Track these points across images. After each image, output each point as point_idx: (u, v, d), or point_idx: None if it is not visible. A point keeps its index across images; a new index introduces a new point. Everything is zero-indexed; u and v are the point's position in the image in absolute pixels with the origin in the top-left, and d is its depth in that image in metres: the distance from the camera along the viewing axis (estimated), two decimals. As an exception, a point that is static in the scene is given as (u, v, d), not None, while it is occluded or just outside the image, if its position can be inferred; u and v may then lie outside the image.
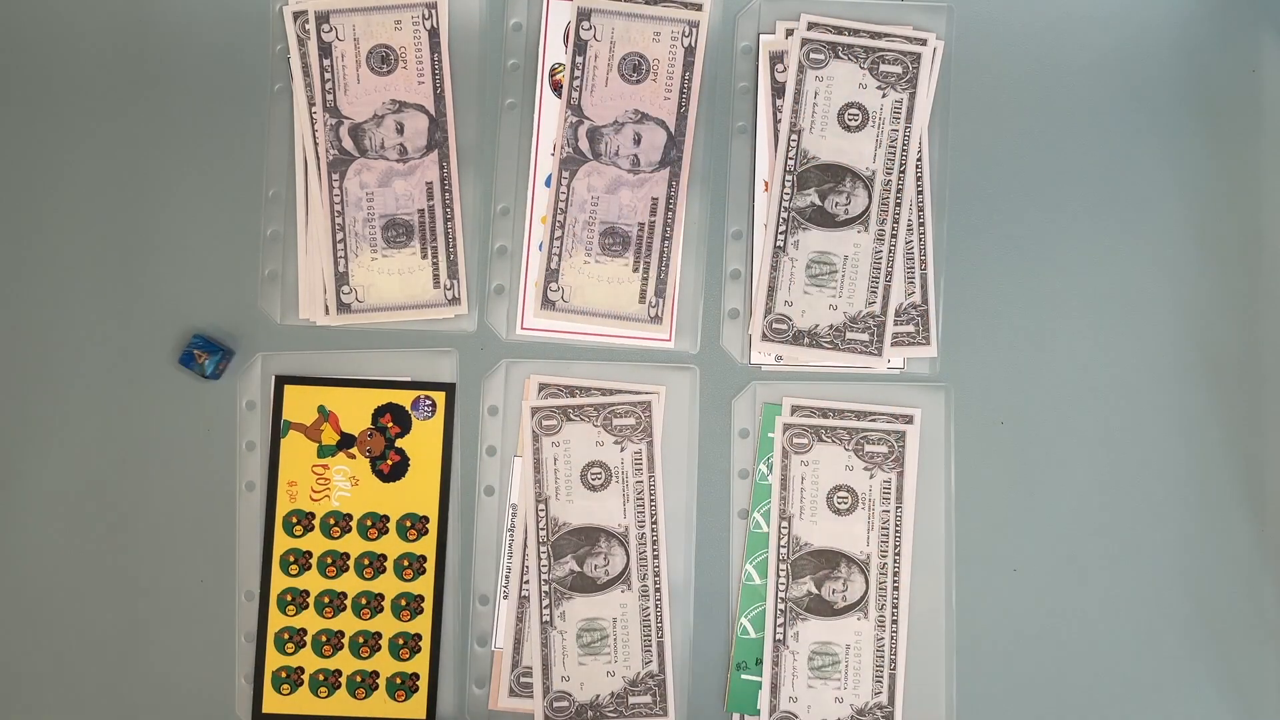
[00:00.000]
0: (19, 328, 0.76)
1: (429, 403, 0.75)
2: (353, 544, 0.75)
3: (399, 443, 0.75)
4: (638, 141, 0.76)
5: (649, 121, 0.76)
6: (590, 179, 0.76)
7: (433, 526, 0.75)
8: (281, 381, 0.75)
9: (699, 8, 0.76)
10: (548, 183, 0.76)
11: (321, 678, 0.75)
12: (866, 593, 0.75)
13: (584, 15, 0.76)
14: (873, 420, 0.75)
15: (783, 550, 0.75)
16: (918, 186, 0.76)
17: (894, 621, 0.75)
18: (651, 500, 0.75)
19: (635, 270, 0.76)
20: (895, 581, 0.75)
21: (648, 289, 0.76)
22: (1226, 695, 0.75)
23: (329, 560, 0.75)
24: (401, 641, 0.75)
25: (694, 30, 0.76)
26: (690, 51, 0.76)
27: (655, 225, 0.76)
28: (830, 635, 0.75)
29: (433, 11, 0.76)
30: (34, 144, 0.77)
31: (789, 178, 0.76)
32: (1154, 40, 0.77)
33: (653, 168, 0.76)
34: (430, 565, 0.75)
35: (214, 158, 0.77)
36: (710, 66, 0.77)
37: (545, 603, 0.75)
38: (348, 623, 0.75)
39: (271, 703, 0.75)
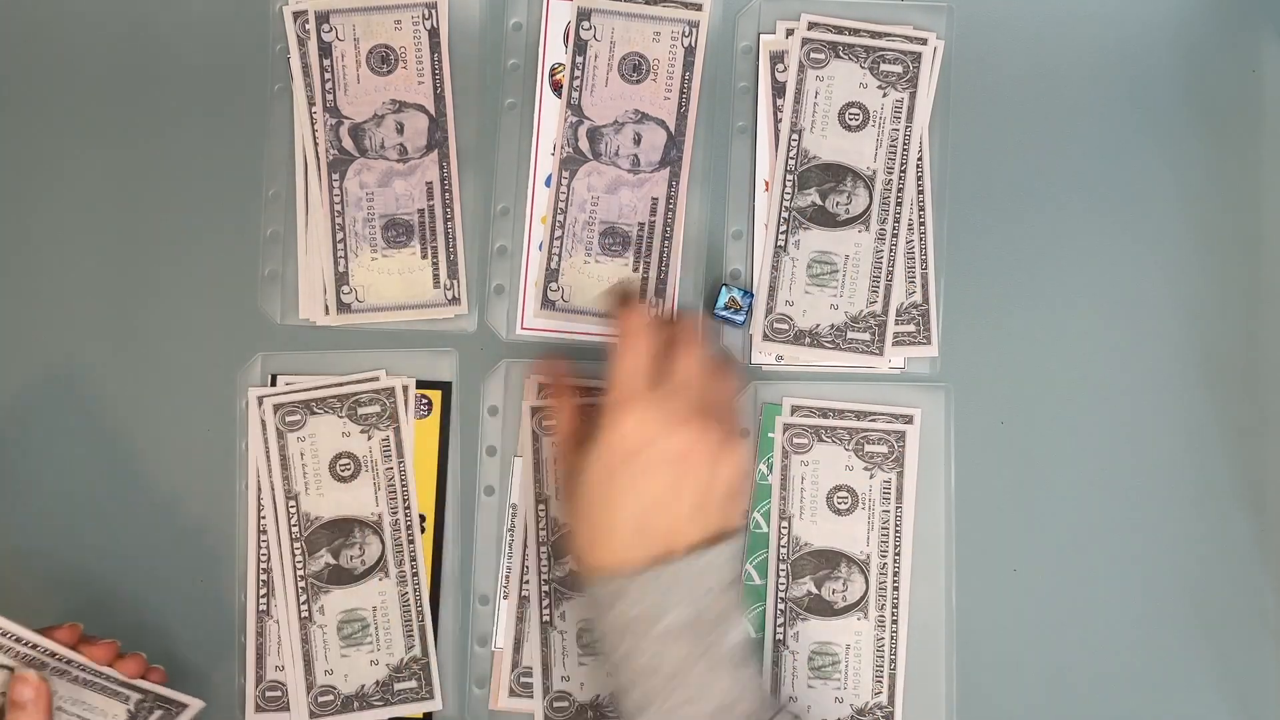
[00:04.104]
0: (18, 327, 0.76)
1: (424, 401, 0.75)
2: (352, 544, 0.75)
3: (397, 442, 0.76)
4: (638, 141, 0.76)
5: (649, 121, 0.76)
6: (590, 179, 0.76)
7: (430, 525, 0.75)
8: (275, 376, 0.76)
9: (699, 7, 0.76)
10: (548, 183, 0.76)
11: (321, 678, 0.75)
12: (866, 593, 0.75)
13: (584, 15, 0.76)
14: (873, 420, 0.75)
15: (783, 550, 0.75)
16: (918, 186, 0.76)
17: (894, 621, 0.75)
18: (651, 500, 0.75)
19: (636, 270, 0.76)
20: (895, 581, 0.75)
21: (648, 289, 0.76)
22: (1226, 695, 0.75)
23: (329, 560, 0.75)
24: (401, 641, 0.75)
25: (694, 30, 0.76)
26: (690, 51, 0.76)
27: (655, 225, 0.76)
28: (830, 635, 0.75)
29: (433, 11, 0.76)
30: (33, 144, 0.77)
31: (790, 177, 0.76)
32: (1154, 40, 0.77)
33: (653, 167, 0.76)
34: (427, 564, 0.75)
35: (214, 158, 0.77)
36: (710, 66, 0.77)
37: (545, 603, 0.75)
38: (348, 623, 0.75)
39: (271, 703, 0.75)
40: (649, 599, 0.62)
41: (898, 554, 0.75)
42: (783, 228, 0.75)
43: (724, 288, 0.75)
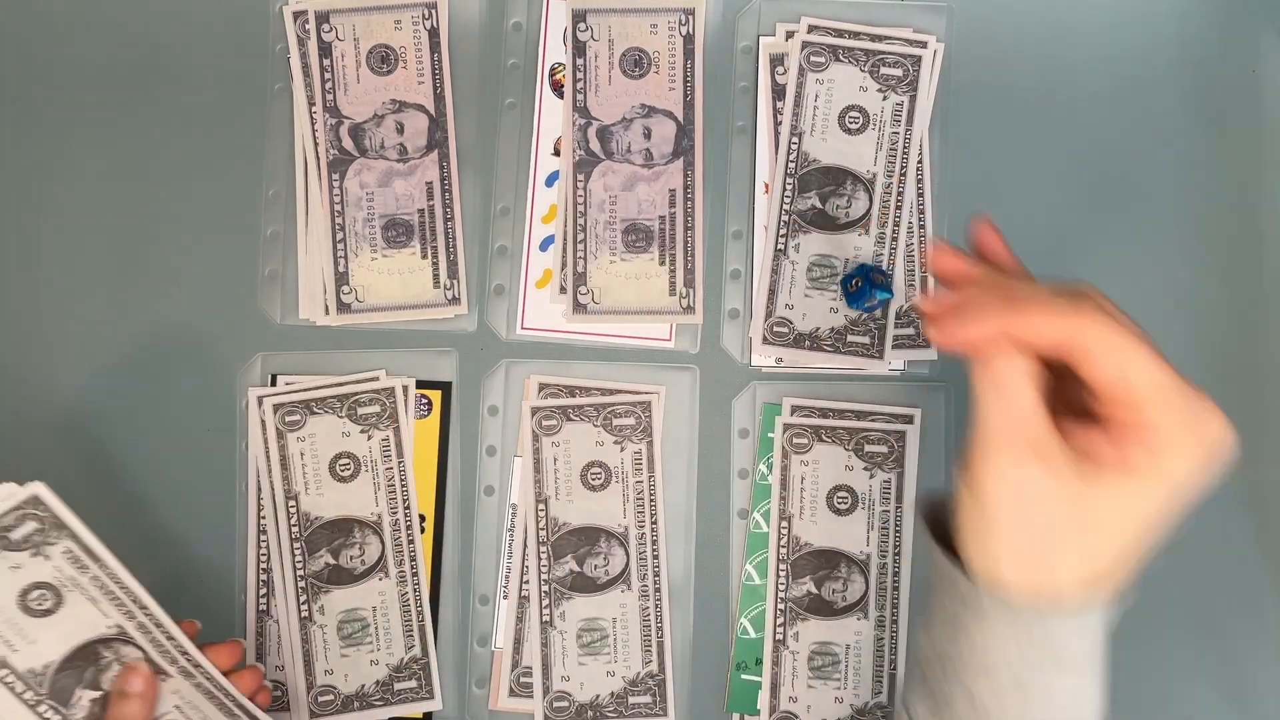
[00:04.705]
0: (19, 328, 0.76)
1: (424, 401, 0.76)
2: (353, 544, 0.75)
3: (398, 443, 0.76)
4: (648, 135, 0.76)
5: (657, 114, 0.76)
6: (605, 178, 0.76)
7: (429, 525, 0.75)
8: (275, 376, 0.76)
9: (693, -7, 0.76)
10: (548, 182, 0.76)
11: (322, 678, 0.75)
12: (866, 593, 0.75)
13: (579, 17, 0.76)
14: (873, 420, 0.75)
15: (783, 550, 0.75)
16: (918, 189, 0.76)
17: (894, 621, 0.75)
18: (651, 500, 0.75)
19: (662, 264, 0.76)
20: (895, 581, 0.75)
21: (677, 280, 0.76)
22: (1226, 695, 0.75)
23: (329, 560, 0.75)
24: (402, 641, 0.75)
25: (690, 18, 0.76)
26: (689, 40, 0.76)
27: (676, 216, 0.76)
28: (830, 635, 0.75)
29: (433, 11, 0.76)
30: (33, 144, 0.77)
31: (790, 181, 0.76)
32: (1154, 40, 0.77)
33: (666, 159, 0.76)
34: (427, 564, 0.75)
35: (214, 158, 0.77)
36: (710, 66, 0.76)
37: (545, 603, 0.75)
38: (348, 623, 0.75)
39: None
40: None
41: (898, 554, 0.75)
42: (782, 231, 0.75)
43: (850, 278, 0.75)
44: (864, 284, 0.73)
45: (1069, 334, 0.47)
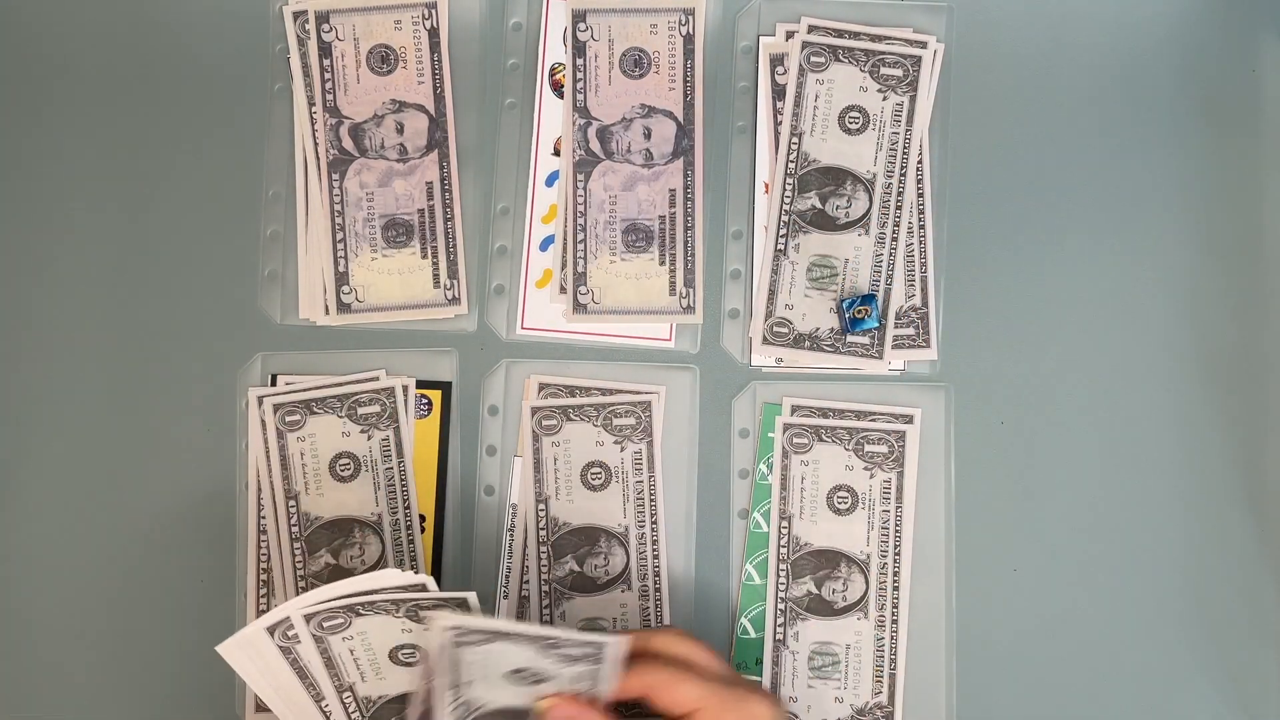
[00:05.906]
0: (17, 327, 0.76)
1: (424, 401, 0.76)
2: (353, 544, 0.75)
3: (398, 443, 0.76)
4: (648, 135, 0.76)
5: (657, 114, 0.76)
6: (605, 178, 0.76)
7: (429, 525, 0.75)
8: (275, 376, 0.76)
9: (693, -7, 0.76)
10: (548, 182, 0.76)
11: (322, 678, 0.75)
12: (866, 593, 0.75)
13: (579, 17, 0.76)
14: (873, 420, 0.75)
15: (783, 550, 0.75)
16: (918, 189, 0.76)
17: (894, 621, 0.75)
18: (651, 500, 0.75)
19: (662, 264, 0.76)
20: (895, 581, 0.75)
21: (677, 280, 0.76)
22: (1226, 695, 0.75)
23: (329, 560, 0.75)
24: (402, 641, 0.75)
25: (690, 18, 0.76)
26: (689, 40, 0.76)
27: (676, 216, 0.76)
28: (830, 635, 0.75)
29: (433, 11, 0.76)
30: (33, 144, 0.77)
31: (790, 181, 0.76)
32: (1154, 40, 0.77)
33: (666, 159, 0.76)
34: (427, 564, 0.75)
35: (214, 158, 0.77)
36: (710, 66, 0.76)
37: (545, 603, 0.75)
38: (348, 623, 0.75)
39: (272, 703, 0.75)
40: None
41: (898, 554, 0.75)
42: (782, 231, 0.75)
43: (844, 303, 0.74)
44: (871, 313, 0.74)
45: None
